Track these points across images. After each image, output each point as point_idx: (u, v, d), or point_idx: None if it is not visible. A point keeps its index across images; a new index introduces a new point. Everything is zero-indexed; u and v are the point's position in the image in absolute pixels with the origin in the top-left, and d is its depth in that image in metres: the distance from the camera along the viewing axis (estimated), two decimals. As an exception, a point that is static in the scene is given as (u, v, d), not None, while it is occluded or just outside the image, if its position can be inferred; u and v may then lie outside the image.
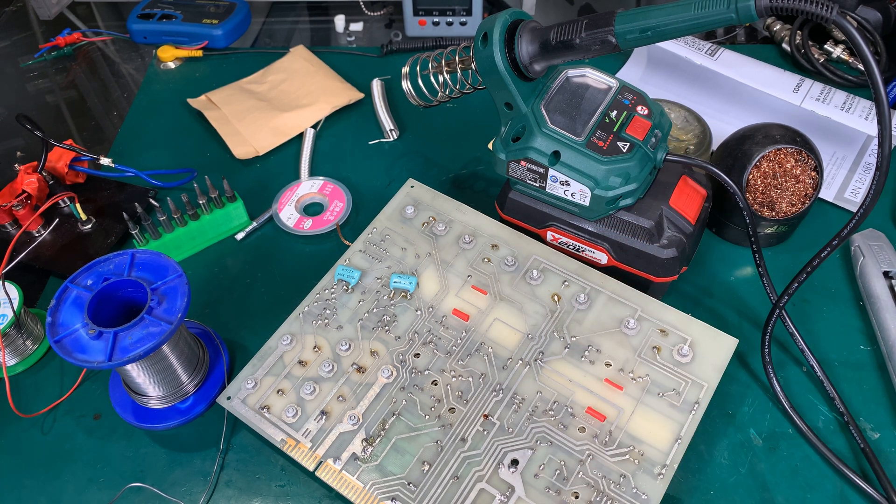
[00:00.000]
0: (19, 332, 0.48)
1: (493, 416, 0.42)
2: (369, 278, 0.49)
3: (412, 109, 0.66)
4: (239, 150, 0.63)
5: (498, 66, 0.44)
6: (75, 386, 0.48)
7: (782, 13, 0.35)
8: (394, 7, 0.81)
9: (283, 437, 0.42)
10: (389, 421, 0.43)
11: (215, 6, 0.77)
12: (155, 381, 0.44)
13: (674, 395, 0.42)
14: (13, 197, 0.54)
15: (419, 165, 0.62)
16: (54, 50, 0.77)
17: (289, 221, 0.57)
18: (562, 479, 0.40)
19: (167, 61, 0.74)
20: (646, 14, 0.38)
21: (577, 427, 0.42)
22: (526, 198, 0.50)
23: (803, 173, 0.50)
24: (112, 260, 0.43)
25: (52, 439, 0.46)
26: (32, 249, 0.54)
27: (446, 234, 0.51)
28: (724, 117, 0.64)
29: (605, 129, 0.45)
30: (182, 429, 0.46)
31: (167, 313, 0.40)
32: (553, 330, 0.46)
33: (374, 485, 0.40)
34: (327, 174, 0.61)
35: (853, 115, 0.58)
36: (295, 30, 0.80)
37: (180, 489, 0.43)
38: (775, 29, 0.72)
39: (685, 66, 0.64)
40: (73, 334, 0.40)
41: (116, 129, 0.68)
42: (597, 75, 0.47)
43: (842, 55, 0.68)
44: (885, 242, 0.51)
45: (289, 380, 0.45)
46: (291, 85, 0.69)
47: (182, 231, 0.54)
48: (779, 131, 0.51)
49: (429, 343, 0.46)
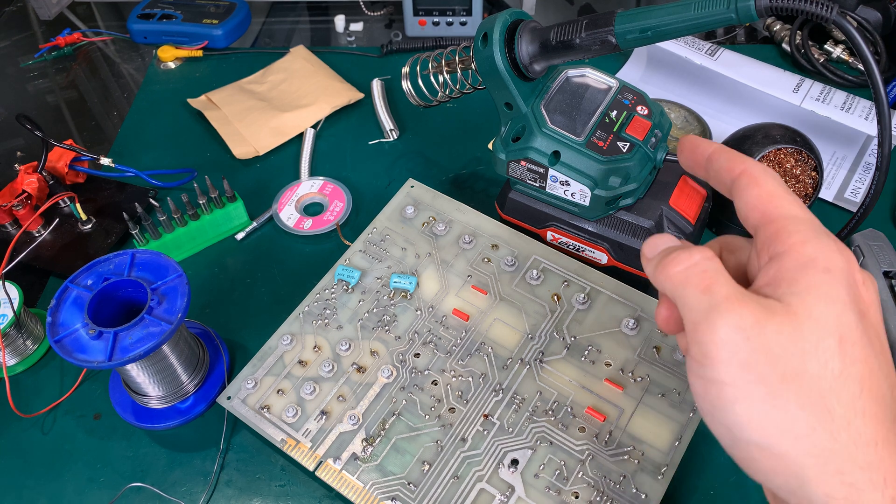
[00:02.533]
0: (19, 332, 0.48)
1: (493, 416, 0.42)
2: (369, 278, 0.49)
3: (412, 109, 0.66)
4: (239, 150, 0.63)
5: (498, 66, 0.44)
6: (75, 386, 0.48)
7: (782, 13, 0.35)
8: (394, 7, 0.81)
9: (283, 437, 0.42)
10: (389, 421, 0.43)
11: (215, 6, 0.77)
12: (155, 381, 0.44)
13: (674, 395, 0.42)
14: (13, 197, 0.54)
15: (419, 165, 0.62)
16: (54, 50, 0.77)
17: (289, 221, 0.57)
18: (562, 479, 0.40)
19: (167, 61, 0.74)
20: (646, 14, 0.38)
21: (578, 427, 0.42)
22: (526, 198, 0.50)
23: (803, 173, 0.50)
24: (112, 260, 0.43)
25: (52, 439, 0.46)
26: (32, 249, 0.54)
27: (446, 234, 0.51)
28: (724, 117, 0.64)
29: (605, 129, 0.45)
30: (182, 429, 0.46)
31: (167, 313, 0.40)
32: (553, 330, 0.46)
33: (374, 485, 0.40)
34: (327, 174, 0.61)
35: (853, 115, 0.58)
36: (295, 30, 0.80)
37: (180, 489, 0.43)
38: (775, 29, 0.72)
39: (685, 66, 0.64)
40: (73, 334, 0.40)
41: (116, 129, 0.68)
42: (597, 75, 0.47)
43: (842, 55, 0.68)
44: (885, 242, 0.51)
45: (289, 380, 0.45)
46: (291, 85, 0.69)
47: (182, 231, 0.54)
48: (779, 131, 0.51)
49: (429, 343, 0.46)
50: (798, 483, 0.24)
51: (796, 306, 0.25)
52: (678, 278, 0.27)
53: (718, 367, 0.25)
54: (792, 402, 0.24)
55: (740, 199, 0.29)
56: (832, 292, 0.25)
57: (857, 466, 0.24)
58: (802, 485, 0.24)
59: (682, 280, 0.27)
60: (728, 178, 0.29)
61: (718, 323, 0.25)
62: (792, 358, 0.24)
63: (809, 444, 0.24)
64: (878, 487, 0.24)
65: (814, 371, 0.24)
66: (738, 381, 0.24)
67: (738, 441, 0.25)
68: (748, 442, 0.25)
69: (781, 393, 0.24)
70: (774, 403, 0.24)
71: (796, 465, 0.24)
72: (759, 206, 0.27)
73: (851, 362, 0.24)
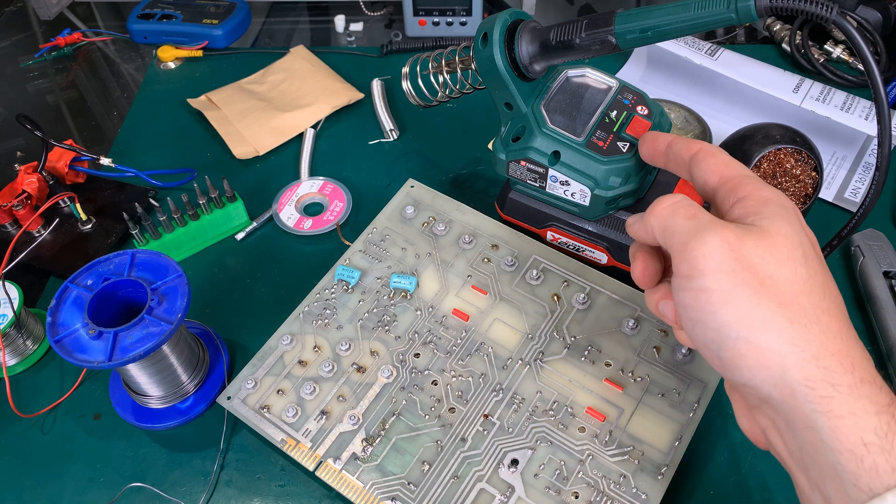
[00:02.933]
0: (19, 332, 0.48)
1: (493, 416, 0.42)
2: (369, 278, 0.50)
3: (412, 109, 0.66)
4: (239, 150, 0.63)
5: (498, 66, 0.44)
6: (75, 386, 0.48)
7: (782, 13, 0.35)
8: (394, 7, 0.81)
9: (283, 437, 0.42)
10: (389, 421, 0.43)
11: (215, 6, 0.77)
12: (155, 381, 0.44)
13: (674, 395, 0.42)
14: (13, 197, 0.54)
15: (419, 165, 0.62)
16: (54, 50, 0.77)
17: (289, 221, 0.57)
18: (562, 479, 0.40)
19: (167, 61, 0.74)
20: (646, 14, 0.38)
21: (577, 427, 0.42)
22: (526, 198, 0.50)
23: (803, 173, 0.50)
24: (112, 260, 0.43)
25: (52, 439, 0.46)
26: (32, 249, 0.54)
27: (446, 234, 0.51)
28: (724, 117, 0.64)
29: (605, 129, 0.45)
30: (182, 429, 0.46)
31: (167, 313, 0.40)
32: (553, 330, 0.46)
33: (374, 485, 0.40)
34: (327, 174, 0.61)
35: (853, 115, 0.58)
36: (295, 30, 0.80)
37: (180, 489, 0.43)
38: (775, 29, 0.72)
39: (685, 66, 0.64)
40: (73, 334, 0.40)
41: (116, 129, 0.68)
42: (597, 75, 0.47)
43: (842, 55, 0.68)
44: (885, 242, 0.51)
45: (289, 380, 0.45)
46: (291, 85, 0.69)
47: (182, 231, 0.54)
48: (779, 131, 0.51)
49: (429, 343, 0.46)
50: (780, 372, 0.28)
51: (767, 227, 0.30)
52: (666, 212, 0.32)
53: (707, 276, 0.29)
54: (771, 301, 0.28)
55: (700, 167, 0.34)
56: (792, 219, 0.30)
57: (828, 353, 0.28)
58: (784, 373, 0.28)
59: (670, 212, 0.32)
60: (687, 155, 0.35)
61: (707, 238, 0.29)
62: (768, 266, 0.29)
63: (788, 335, 0.28)
64: (847, 370, 0.28)
65: (787, 276, 0.29)
66: (725, 286, 0.29)
67: (727, 340, 0.29)
68: (736, 339, 0.29)
69: (762, 294, 0.28)
70: (758, 302, 0.28)
71: (778, 355, 0.28)
72: (717, 171, 0.33)
73: (814, 272, 0.29)
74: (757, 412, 0.31)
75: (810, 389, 0.27)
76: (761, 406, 0.30)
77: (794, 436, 0.29)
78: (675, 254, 0.31)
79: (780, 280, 0.29)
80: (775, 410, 0.29)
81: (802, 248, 0.30)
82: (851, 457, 0.26)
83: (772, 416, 0.30)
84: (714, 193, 0.33)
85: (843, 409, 0.27)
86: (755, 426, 0.32)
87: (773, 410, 0.30)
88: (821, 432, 0.27)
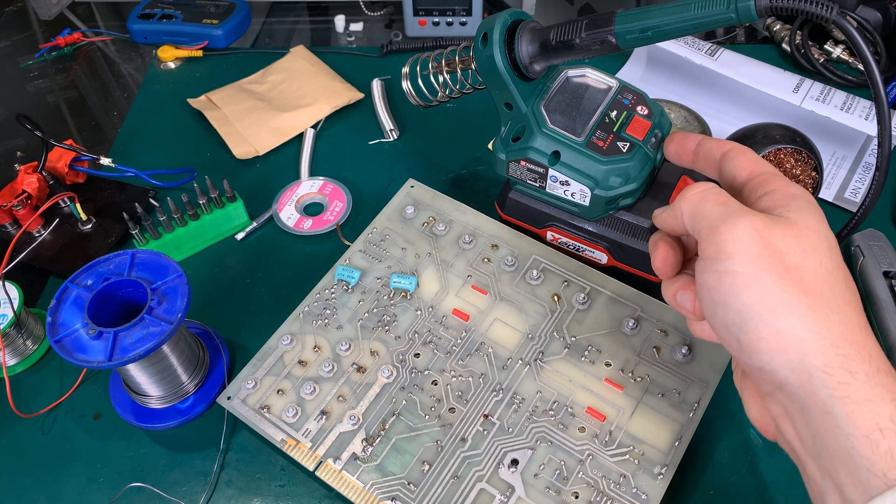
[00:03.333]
0: (19, 332, 0.48)
1: (493, 416, 0.42)
2: (369, 278, 0.50)
3: (412, 109, 0.66)
4: (239, 150, 0.63)
5: (498, 66, 0.44)
6: (75, 386, 0.48)
7: (782, 13, 0.35)
8: (394, 7, 0.81)
9: (283, 437, 0.42)
10: (389, 421, 0.43)
11: (215, 6, 0.77)
12: (155, 381, 0.44)
13: (674, 395, 0.42)
14: (13, 197, 0.54)
15: (419, 165, 0.62)
16: (54, 50, 0.77)
17: (289, 221, 0.57)
18: (562, 479, 0.40)
19: (167, 61, 0.74)
20: (646, 14, 0.38)
21: (577, 427, 0.42)
22: (526, 198, 0.50)
23: (803, 173, 0.50)
24: (112, 260, 0.43)
25: (52, 439, 0.46)
26: (32, 249, 0.54)
27: (446, 234, 0.51)
28: (724, 117, 0.64)
29: (605, 129, 0.45)
30: (182, 429, 0.46)
31: (167, 313, 0.40)
32: (553, 330, 0.46)
33: (374, 485, 0.40)
34: (327, 174, 0.61)
35: (853, 115, 0.58)
36: (295, 30, 0.80)
37: (180, 489, 0.43)
38: (775, 29, 0.72)
39: (685, 66, 0.64)
40: (73, 334, 0.40)
41: (116, 129, 0.68)
42: (597, 75, 0.47)
43: (842, 55, 0.68)
44: (885, 242, 0.51)
45: (289, 380, 0.45)
46: (291, 85, 0.69)
47: (182, 231, 0.54)
48: (779, 131, 0.51)
49: (429, 343, 0.46)
50: (799, 357, 0.29)
51: (795, 219, 0.31)
52: (698, 197, 0.33)
53: (735, 259, 0.30)
54: (795, 288, 0.29)
55: (731, 164, 0.36)
56: (817, 215, 0.31)
57: (848, 342, 0.29)
58: (803, 358, 0.29)
59: (702, 198, 0.33)
60: (718, 153, 0.37)
61: (736, 223, 0.30)
62: (794, 255, 0.30)
63: (810, 321, 0.29)
64: (865, 360, 0.28)
65: (811, 267, 0.30)
66: (751, 269, 0.30)
67: (748, 322, 0.30)
68: (758, 321, 0.29)
69: (787, 280, 0.29)
70: (782, 287, 0.29)
71: (798, 341, 0.29)
72: (747, 167, 0.35)
73: (837, 265, 0.31)
74: (769, 400, 0.32)
75: (828, 375, 0.28)
76: (774, 393, 0.31)
77: (806, 422, 0.29)
78: (704, 237, 0.32)
79: (805, 269, 0.30)
80: (789, 397, 0.30)
81: (828, 242, 0.31)
82: (867, 442, 0.27)
83: (785, 402, 0.30)
84: (742, 188, 0.35)
85: (860, 395, 0.28)
86: (765, 414, 0.32)
87: (786, 397, 0.30)
88: (837, 418, 0.28)
